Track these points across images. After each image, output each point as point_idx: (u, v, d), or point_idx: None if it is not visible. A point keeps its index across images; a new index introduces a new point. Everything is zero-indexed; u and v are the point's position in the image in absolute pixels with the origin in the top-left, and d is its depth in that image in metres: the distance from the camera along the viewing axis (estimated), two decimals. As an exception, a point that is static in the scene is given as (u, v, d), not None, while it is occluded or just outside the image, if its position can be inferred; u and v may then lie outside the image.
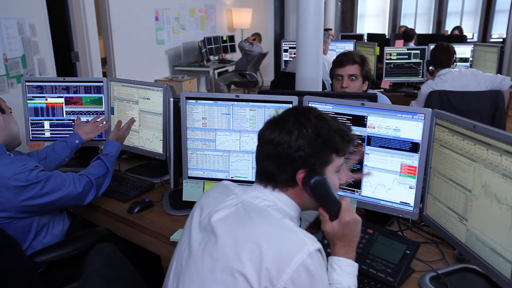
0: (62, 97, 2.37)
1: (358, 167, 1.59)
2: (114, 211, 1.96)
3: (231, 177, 1.76)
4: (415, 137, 1.46)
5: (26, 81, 2.35)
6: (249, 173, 1.74)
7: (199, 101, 1.72)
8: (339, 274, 1.11)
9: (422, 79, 4.67)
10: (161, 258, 2.33)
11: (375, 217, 1.67)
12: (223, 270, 0.99)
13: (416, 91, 4.57)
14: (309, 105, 1.66)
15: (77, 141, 2.15)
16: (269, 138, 1.10)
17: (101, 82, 2.39)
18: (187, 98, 1.73)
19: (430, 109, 1.43)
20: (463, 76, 3.59)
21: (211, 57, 7.61)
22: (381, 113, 1.51)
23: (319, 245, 0.99)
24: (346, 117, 1.59)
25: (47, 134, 2.40)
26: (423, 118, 1.43)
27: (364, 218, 1.61)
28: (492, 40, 10.20)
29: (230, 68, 7.90)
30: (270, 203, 1.10)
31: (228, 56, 8.24)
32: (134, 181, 2.17)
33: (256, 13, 8.98)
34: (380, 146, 1.53)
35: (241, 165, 1.74)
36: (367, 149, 1.56)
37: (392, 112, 1.49)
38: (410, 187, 1.50)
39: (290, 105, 1.64)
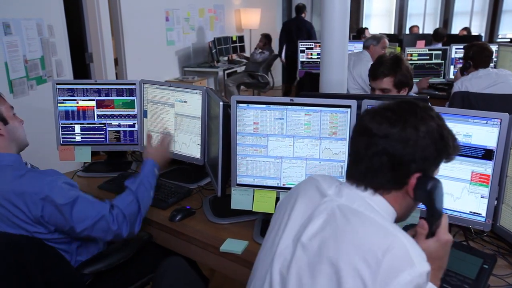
0: (93, 100, 2.29)
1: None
2: (154, 218, 1.89)
3: (283, 185, 1.68)
4: (489, 143, 1.38)
5: (57, 84, 2.27)
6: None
7: (250, 105, 1.64)
8: None
9: (443, 80, 4.60)
10: (197, 263, 2.25)
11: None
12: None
13: (437, 92, 4.51)
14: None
15: (156, 171, 1.81)
16: (387, 132, 0.96)
17: (134, 84, 2.31)
18: (238, 102, 1.65)
19: (507, 114, 1.35)
20: (501, 77, 3.51)
21: (221, 58, 7.53)
22: (450, 118, 1.42)
23: (427, 267, 0.89)
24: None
25: (78, 138, 2.32)
26: (499, 123, 1.36)
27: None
28: (498, 40, 10.14)
29: (239, 69, 7.81)
30: (370, 208, 0.99)
31: (237, 56, 8.15)
32: (170, 187, 2.09)
33: (264, 13, 8.90)
34: (448, 153, 1.45)
35: (294, 172, 1.66)
36: (433, 155, 1.48)
37: (463, 117, 1.41)
38: (482, 197, 1.42)
39: (349, 110, 1.56)
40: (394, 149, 0.96)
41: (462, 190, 1.45)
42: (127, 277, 1.80)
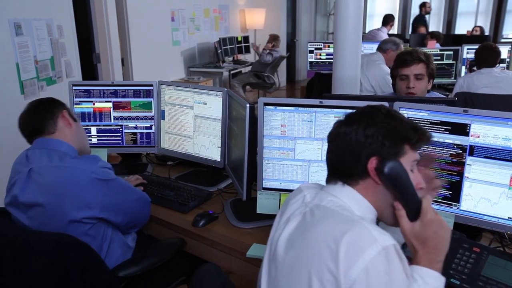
0: (110, 101, 2.25)
1: (458, 179, 1.47)
2: (177, 223, 1.84)
3: (311, 189, 1.64)
4: (530, 147, 1.34)
5: (73, 85, 2.23)
6: (331, 184, 1.62)
7: (278, 107, 1.60)
8: (420, 286, 0.96)
9: (454, 80, 4.56)
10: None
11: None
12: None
13: (448, 93, 4.46)
14: (401, 111, 1.54)
15: None
16: (336, 132, 1.07)
17: (151, 85, 2.26)
18: (265, 104, 1.61)
19: (550, 116, 1.31)
20: (504, 79, 3.46)
21: (226, 58, 7.49)
22: (488, 121, 1.39)
23: (392, 241, 0.89)
24: (444, 126, 1.46)
25: (94, 140, 2.27)
26: (540, 126, 1.32)
27: (465, 235, 1.50)
28: (502, 40, 10.11)
29: (244, 70, 7.77)
30: (339, 203, 1.02)
31: (242, 57, 8.12)
32: (190, 190, 2.04)
33: (269, 14, 8.86)
34: (486, 157, 1.41)
35: (322, 175, 1.62)
36: (469, 160, 1.44)
37: (502, 119, 1.37)
38: (522, 202, 1.38)
39: (380, 112, 1.52)
40: (344, 144, 1.05)
41: (500, 195, 1.40)
42: (154, 284, 1.76)
